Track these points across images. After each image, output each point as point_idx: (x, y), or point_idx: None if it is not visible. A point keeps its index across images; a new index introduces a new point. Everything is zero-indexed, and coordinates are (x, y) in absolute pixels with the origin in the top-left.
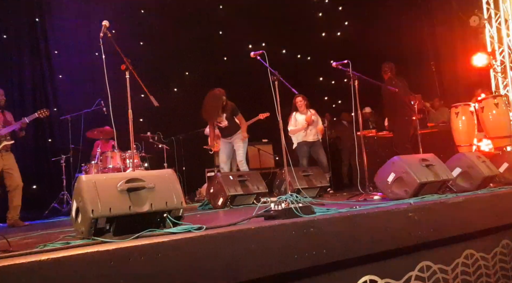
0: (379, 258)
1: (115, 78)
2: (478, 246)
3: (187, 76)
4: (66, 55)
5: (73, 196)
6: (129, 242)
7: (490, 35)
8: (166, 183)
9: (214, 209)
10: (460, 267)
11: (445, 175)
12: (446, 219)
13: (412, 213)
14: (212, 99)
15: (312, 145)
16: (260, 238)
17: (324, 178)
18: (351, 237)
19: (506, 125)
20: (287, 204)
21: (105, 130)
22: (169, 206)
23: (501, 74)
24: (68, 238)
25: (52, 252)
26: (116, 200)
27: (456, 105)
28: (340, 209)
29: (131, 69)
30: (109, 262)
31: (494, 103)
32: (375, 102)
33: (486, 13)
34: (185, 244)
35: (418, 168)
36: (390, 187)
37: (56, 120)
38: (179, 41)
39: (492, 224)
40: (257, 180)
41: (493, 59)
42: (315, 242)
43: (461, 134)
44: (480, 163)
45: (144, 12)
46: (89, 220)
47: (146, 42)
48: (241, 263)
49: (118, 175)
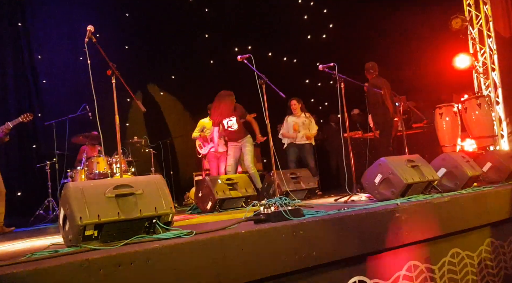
0: (368, 259)
1: (101, 83)
2: (464, 245)
3: (173, 79)
4: (49, 60)
5: (60, 203)
6: (118, 249)
7: (471, 37)
8: (154, 189)
9: (202, 213)
10: (446, 265)
11: (431, 175)
12: (432, 219)
13: (399, 213)
14: (225, 99)
15: (302, 147)
16: (250, 242)
17: (312, 180)
18: (340, 239)
19: (489, 125)
20: (276, 208)
21: (91, 135)
22: (158, 211)
23: (483, 75)
24: (56, 246)
25: (40, 261)
26: (104, 206)
27: (440, 106)
28: (328, 211)
29: (117, 75)
30: (98, 270)
31: (477, 104)
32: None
33: (468, 15)
34: (175, 250)
35: (404, 169)
36: (377, 188)
37: (40, 126)
38: (165, 44)
39: (477, 223)
40: (245, 183)
41: (475, 60)
42: (305, 244)
43: (445, 134)
44: (464, 163)
45: (129, 15)
46: (77, 227)
47: (131, 46)
48: (232, 267)
49: (106, 182)
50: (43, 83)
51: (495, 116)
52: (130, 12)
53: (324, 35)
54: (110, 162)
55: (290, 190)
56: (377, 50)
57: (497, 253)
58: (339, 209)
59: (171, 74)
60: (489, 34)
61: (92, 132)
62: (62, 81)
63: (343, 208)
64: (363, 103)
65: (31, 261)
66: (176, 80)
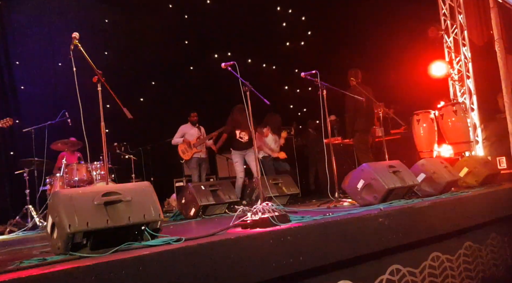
0: (353, 263)
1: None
2: (444, 248)
3: (153, 86)
4: (28, 65)
5: (48, 211)
6: (109, 256)
7: (447, 46)
8: (143, 196)
9: (186, 219)
10: (427, 269)
11: (411, 181)
12: (413, 223)
13: (382, 218)
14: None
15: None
16: (239, 248)
17: (293, 185)
18: (326, 244)
19: (465, 131)
20: (263, 213)
21: (70, 142)
22: (147, 218)
23: (459, 83)
24: (44, 254)
25: (30, 269)
26: (93, 214)
27: (417, 112)
28: (314, 216)
29: (103, 82)
30: (90, 278)
31: (453, 110)
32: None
33: (444, 24)
34: (166, 257)
35: (386, 174)
36: (359, 193)
37: (18, 132)
38: (145, 50)
39: (456, 227)
40: (228, 189)
41: (451, 68)
42: (292, 249)
43: (422, 140)
44: (443, 169)
45: (108, 21)
46: (66, 235)
47: (110, 52)
48: (222, 273)
49: (95, 189)
50: (21, 89)
51: (470, 123)
52: (110, 18)
53: (303, 42)
54: (90, 169)
55: (273, 195)
56: (355, 57)
57: (475, 256)
58: (324, 215)
59: (151, 80)
60: (464, 42)
61: (70, 139)
62: (41, 87)
63: (328, 214)
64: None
65: (20, 269)
66: (156, 86)
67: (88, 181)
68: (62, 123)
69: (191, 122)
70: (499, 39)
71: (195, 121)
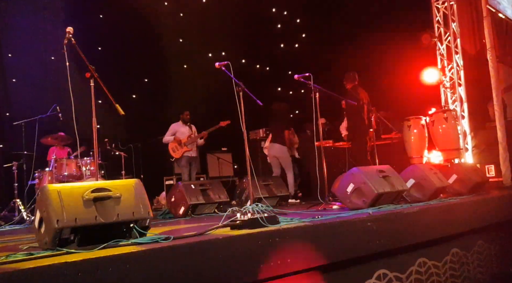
0: (340, 267)
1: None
2: (430, 254)
3: (146, 82)
4: (20, 58)
5: (36, 205)
6: (96, 253)
7: (440, 53)
8: (133, 193)
9: (174, 218)
10: (414, 274)
11: (400, 186)
12: (401, 229)
13: (370, 222)
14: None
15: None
16: (228, 248)
17: (284, 187)
18: (314, 247)
19: (455, 138)
20: (252, 214)
21: (60, 136)
22: (136, 216)
23: (450, 90)
24: (31, 249)
25: (16, 263)
26: (82, 210)
27: (408, 118)
28: (302, 218)
29: (96, 77)
30: (77, 274)
31: (444, 117)
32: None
33: (437, 31)
34: (154, 255)
35: (375, 179)
36: (349, 197)
37: (8, 125)
38: (138, 47)
39: (443, 234)
40: (218, 189)
41: (443, 75)
42: (280, 251)
43: (413, 146)
44: (432, 175)
45: (102, 17)
46: (54, 230)
47: (104, 47)
48: (210, 272)
49: (84, 185)
50: (13, 82)
51: (461, 130)
52: (104, 14)
53: (297, 44)
54: (80, 164)
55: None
56: (349, 61)
57: (461, 263)
58: (313, 217)
59: (144, 77)
60: (457, 50)
61: (59, 133)
62: (33, 80)
63: (317, 216)
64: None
65: (6, 263)
66: (148, 83)
67: (77, 177)
68: (53, 117)
69: (183, 120)
70: (491, 48)
71: (187, 120)
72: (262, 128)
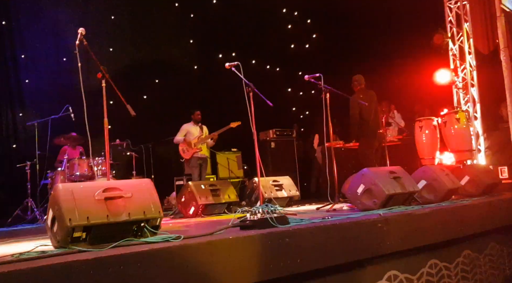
0: (350, 268)
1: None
2: (442, 256)
3: (157, 83)
4: (33, 59)
5: (49, 204)
6: (108, 251)
7: (452, 53)
8: (143, 193)
9: (184, 218)
10: (425, 276)
11: (411, 187)
12: (412, 230)
13: (381, 224)
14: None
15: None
16: (237, 248)
17: (294, 187)
18: (324, 247)
19: (467, 139)
20: (262, 214)
21: (72, 137)
22: (146, 215)
23: (463, 91)
24: (44, 247)
25: (30, 261)
26: (94, 209)
27: (420, 119)
28: (312, 219)
29: (108, 78)
30: (89, 272)
31: (456, 118)
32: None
33: (449, 32)
34: (164, 254)
35: (386, 180)
36: (359, 198)
37: (22, 126)
38: (149, 48)
39: (455, 235)
40: (228, 189)
41: (456, 76)
42: (290, 251)
43: (424, 147)
44: (444, 176)
45: (114, 18)
46: (66, 228)
47: (115, 48)
48: (219, 272)
49: (96, 184)
50: (26, 82)
51: (473, 131)
52: (115, 15)
53: (307, 45)
54: (91, 164)
55: (273, 197)
56: (360, 62)
57: (473, 265)
58: (323, 218)
59: (155, 78)
60: (469, 51)
61: (71, 133)
62: (45, 81)
63: (327, 217)
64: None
65: (20, 261)
66: (159, 84)
67: (89, 176)
68: (65, 118)
69: (194, 120)
70: (505, 48)
71: (198, 120)
72: (272, 129)
